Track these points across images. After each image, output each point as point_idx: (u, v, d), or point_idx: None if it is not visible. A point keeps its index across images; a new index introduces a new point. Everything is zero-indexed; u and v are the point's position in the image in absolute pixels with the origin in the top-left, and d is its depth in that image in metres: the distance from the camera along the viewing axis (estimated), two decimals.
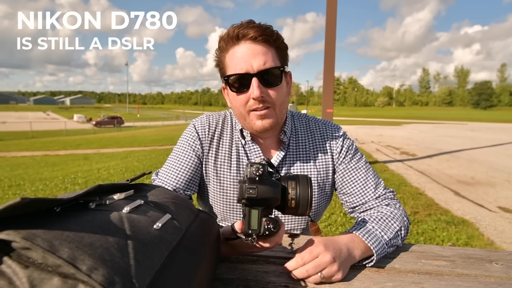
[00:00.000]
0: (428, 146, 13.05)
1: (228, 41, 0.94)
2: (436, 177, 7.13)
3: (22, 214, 0.36)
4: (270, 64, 0.92)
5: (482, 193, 5.86)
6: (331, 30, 7.50)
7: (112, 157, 10.80)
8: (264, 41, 0.92)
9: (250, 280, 0.74)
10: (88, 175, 7.42)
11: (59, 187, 6.28)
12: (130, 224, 0.42)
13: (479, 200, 5.40)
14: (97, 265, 0.32)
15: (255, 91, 0.91)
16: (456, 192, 5.88)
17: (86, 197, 0.47)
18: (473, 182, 6.68)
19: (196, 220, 0.59)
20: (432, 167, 8.34)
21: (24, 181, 6.83)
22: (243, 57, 0.92)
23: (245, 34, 0.91)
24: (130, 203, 0.48)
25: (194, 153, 1.07)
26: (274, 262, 0.81)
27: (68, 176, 7.25)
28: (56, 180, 6.91)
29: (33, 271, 0.32)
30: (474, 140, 15.80)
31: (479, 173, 7.64)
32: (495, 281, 0.75)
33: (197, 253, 0.51)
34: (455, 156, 10.28)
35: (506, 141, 15.34)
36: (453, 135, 19.23)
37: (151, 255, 0.39)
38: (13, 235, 0.32)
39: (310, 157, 1.08)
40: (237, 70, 0.93)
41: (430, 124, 32.78)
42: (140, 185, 0.62)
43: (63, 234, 0.34)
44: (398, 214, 0.96)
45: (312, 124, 1.13)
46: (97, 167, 8.53)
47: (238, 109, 0.99)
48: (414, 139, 16.16)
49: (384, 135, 18.66)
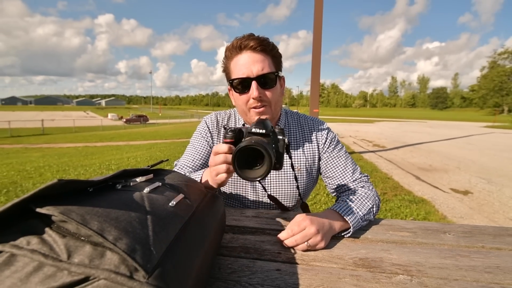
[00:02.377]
0: (395, 140, 13.04)
1: (233, 50, 0.94)
2: (401, 165, 7.13)
3: (61, 193, 0.35)
4: (267, 70, 0.93)
5: (438, 177, 5.87)
6: (317, 45, 7.45)
7: (138, 148, 10.80)
8: (262, 51, 0.93)
9: (250, 247, 0.74)
10: (120, 162, 7.43)
11: (96, 172, 6.29)
12: (149, 202, 0.42)
13: (435, 183, 5.41)
14: (121, 235, 0.32)
15: (254, 92, 0.92)
16: (417, 177, 5.88)
17: (114, 179, 0.46)
18: (430, 169, 6.69)
19: (205, 199, 0.59)
20: (398, 157, 8.34)
21: (68, 167, 6.85)
22: (244, 63, 0.92)
23: (246, 45, 0.92)
24: (150, 185, 0.48)
25: (206, 143, 1.08)
26: (269, 233, 0.81)
27: (104, 163, 7.26)
28: (94, 166, 6.92)
29: (69, 240, 0.32)
30: (432, 135, 15.80)
31: (436, 161, 7.64)
32: (448, 248, 0.75)
33: (205, 226, 0.51)
34: (416, 148, 10.27)
35: (457, 135, 15.36)
36: (415, 130, 19.21)
37: (166, 227, 0.39)
38: (52, 210, 0.32)
39: (300, 147, 1.08)
40: (239, 75, 0.93)
41: (397, 122, 32.73)
42: (159, 170, 0.62)
43: (93, 209, 0.34)
44: (371, 194, 0.95)
45: (302, 120, 1.13)
46: (127, 156, 8.54)
47: (240, 107, 1.00)
48: (384, 134, 16.15)
49: (360, 131, 18.63)
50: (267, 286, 0.58)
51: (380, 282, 0.60)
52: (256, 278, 0.60)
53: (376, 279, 0.61)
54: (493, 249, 0.75)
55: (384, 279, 0.61)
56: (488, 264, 0.67)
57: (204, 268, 0.47)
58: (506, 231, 0.86)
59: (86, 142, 13.74)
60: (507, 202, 4.39)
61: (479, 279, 0.61)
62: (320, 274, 0.62)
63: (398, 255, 0.71)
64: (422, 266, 0.66)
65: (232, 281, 0.59)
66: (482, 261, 0.69)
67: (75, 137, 16.84)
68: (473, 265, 0.67)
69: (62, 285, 0.29)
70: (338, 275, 0.62)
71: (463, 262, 0.68)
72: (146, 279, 0.30)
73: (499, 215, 3.84)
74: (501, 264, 0.67)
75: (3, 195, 4.49)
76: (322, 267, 0.66)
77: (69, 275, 0.29)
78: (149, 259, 0.32)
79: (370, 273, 0.63)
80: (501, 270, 0.65)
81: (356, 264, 0.67)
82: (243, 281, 0.59)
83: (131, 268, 0.30)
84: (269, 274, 0.62)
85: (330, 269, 0.64)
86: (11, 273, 0.29)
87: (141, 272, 0.30)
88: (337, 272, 0.63)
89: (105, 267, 0.30)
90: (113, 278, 0.29)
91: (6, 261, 0.30)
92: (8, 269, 0.29)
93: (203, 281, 0.48)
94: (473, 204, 4.26)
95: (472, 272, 0.64)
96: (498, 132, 18.63)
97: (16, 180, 5.46)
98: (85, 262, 0.30)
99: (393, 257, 0.70)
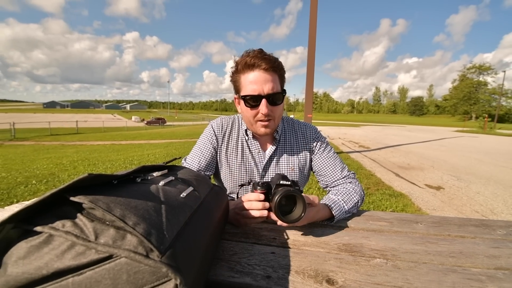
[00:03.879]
0: (378, 142, 12.96)
1: (245, 67, 0.89)
2: (383, 163, 7.10)
3: (90, 185, 0.36)
4: (276, 89, 0.90)
5: (414, 175, 5.84)
6: (311, 59, 7.42)
7: (157, 146, 10.83)
8: (272, 71, 0.89)
9: (249, 233, 0.74)
10: (141, 158, 7.45)
11: (121, 166, 6.32)
12: (163, 193, 0.42)
13: (412, 180, 5.37)
14: (139, 221, 0.33)
15: (264, 109, 0.90)
16: (396, 174, 5.85)
17: (134, 174, 0.47)
18: (408, 167, 6.65)
19: (211, 192, 0.59)
20: (381, 156, 8.30)
21: (98, 161, 6.88)
22: (256, 81, 0.88)
23: (259, 65, 0.87)
24: (164, 178, 0.48)
25: (211, 145, 1.06)
26: (266, 221, 0.81)
27: (127, 159, 7.29)
28: (119, 161, 6.95)
29: (96, 224, 0.32)
30: (410, 137, 15.67)
31: (413, 161, 7.60)
32: (419, 236, 0.75)
33: (211, 215, 0.52)
34: (396, 149, 10.21)
35: (432, 138, 15.24)
36: (396, 134, 19.08)
37: (178, 215, 0.39)
38: (83, 199, 0.32)
39: (294, 149, 1.07)
40: (251, 91, 0.89)
41: (380, 126, 32.52)
42: (173, 166, 0.62)
43: (117, 199, 0.34)
44: (357, 189, 0.95)
45: (296, 126, 1.12)
46: (147, 153, 8.56)
47: (248, 118, 0.96)
48: (368, 136, 16.05)
49: (347, 133, 18.54)
50: (263, 266, 0.58)
51: (360, 265, 0.60)
52: (254, 259, 0.61)
53: (356, 262, 0.61)
54: (457, 237, 0.75)
55: (363, 262, 0.61)
56: (453, 250, 0.67)
57: (209, 250, 0.47)
58: (469, 222, 0.86)
59: (113, 140, 13.79)
60: (473, 196, 4.35)
61: (444, 262, 0.61)
62: (309, 257, 0.63)
63: (376, 241, 0.71)
64: (396, 251, 0.66)
65: (234, 262, 0.60)
66: (447, 247, 0.69)
67: (103, 136, 16.90)
68: (439, 250, 0.67)
69: (90, 262, 0.30)
70: (324, 258, 0.63)
71: (432, 248, 0.68)
72: (160, 258, 0.31)
73: (467, 208, 3.81)
74: (464, 250, 0.67)
75: (43, 184, 4.53)
76: (311, 251, 0.66)
77: (96, 253, 0.30)
78: (162, 242, 0.32)
79: (351, 256, 0.64)
80: (463, 255, 0.65)
81: (340, 249, 0.67)
82: (243, 261, 0.60)
83: (147, 249, 0.31)
84: (265, 256, 0.63)
85: (317, 253, 0.65)
86: (49, 250, 0.30)
87: (155, 252, 0.31)
88: (323, 255, 0.64)
89: (125, 247, 0.30)
90: (132, 256, 0.30)
91: (45, 240, 0.30)
92: (47, 247, 0.30)
93: (209, 261, 0.49)
94: (445, 198, 4.23)
95: (439, 256, 0.64)
96: (467, 136, 18.46)
97: (54, 172, 5.51)
98: (109, 243, 0.30)
99: (372, 243, 0.70)
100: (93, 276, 0.29)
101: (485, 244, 0.71)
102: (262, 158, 1.04)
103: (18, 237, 0.31)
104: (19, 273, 0.29)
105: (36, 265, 0.29)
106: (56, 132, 18.94)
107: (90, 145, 11.99)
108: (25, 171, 5.62)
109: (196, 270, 0.37)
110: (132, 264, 0.30)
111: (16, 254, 0.30)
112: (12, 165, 6.42)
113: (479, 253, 0.66)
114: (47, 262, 0.29)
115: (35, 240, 0.30)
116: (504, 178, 5.66)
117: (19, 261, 0.29)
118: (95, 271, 0.29)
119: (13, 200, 3.65)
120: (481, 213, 3.61)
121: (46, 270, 0.29)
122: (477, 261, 0.62)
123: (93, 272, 0.29)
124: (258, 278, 0.54)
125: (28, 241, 0.30)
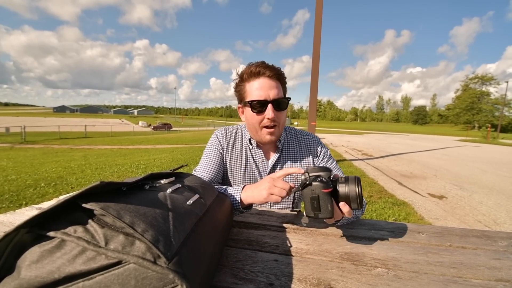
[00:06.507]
0: (381, 150, 12.87)
1: (251, 75, 0.93)
2: (386, 172, 7.03)
3: (101, 192, 0.37)
4: (280, 95, 0.93)
5: (417, 183, 5.77)
6: (315, 68, 7.46)
7: (163, 151, 10.88)
8: (276, 78, 0.93)
9: (252, 240, 0.74)
10: (147, 163, 7.49)
11: (128, 170, 6.34)
12: (171, 201, 0.43)
13: (415, 188, 5.31)
14: (148, 228, 0.33)
15: (270, 113, 0.92)
16: (399, 182, 5.79)
17: (143, 181, 0.48)
18: (411, 176, 6.57)
19: (216, 199, 0.60)
20: (384, 165, 8.23)
21: (105, 166, 6.92)
22: (262, 88, 0.91)
23: (264, 72, 0.91)
24: (172, 186, 0.49)
25: (220, 154, 1.06)
26: (270, 229, 0.82)
27: (134, 163, 7.32)
28: (125, 165, 6.98)
29: (107, 230, 0.33)
30: (413, 146, 15.53)
31: (416, 169, 7.52)
32: (420, 246, 0.75)
33: (216, 221, 0.52)
34: (399, 157, 10.12)
35: (435, 147, 15.07)
36: (399, 142, 18.93)
37: (184, 222, 0.40)
38: (94, 206, 0.33)
39: (297, 158, 1.07)
40: (257, 97, 0.92)
41: (383, 134, 32.30)
42: (179, 173, 0.63)
43: (126, 206, 0.35)
44: None
45: (299, 135, 1.12)
46: (153, 158, 8.60)
47: (253, 125, 0.97)
48: (371, 145, 15.95)
49: (351, 141, 18.45)
50: (266, 274, 0.58)
51: (362, 274, 0.60)
52: (257, 266, 0.61)
53: (358, 271, 0.61)
54: (459, 247, 0.74)
55: (365, 271, 0.61)
56: (454, 260, 0.67)
57: (214, 256, 0.48)
58: (471, 232, 0.85)
59: (120, 145, 13.90)
60: (476, 206, 4.28)
61: (445, 273, 0.61)
62: (311, 265, 0.63)
63: (378, 251, 0.71)
64: (398, 261, 0.66)
65: (237, 269, 0.60)
66: (449, 258, 0.68)
67: (111, 140, 17.06)
68: (441, 261, 0.66)
69: (100, 267, 0.30)
70: (326, 266, 0.62)
71: (433, 258, 0.68)
72: (167, 264, 0.31)
73: (469, 217, 3.75)
74: (465, 261, 0.66)
75: (51, 187, 4.57)
76: (313, 259, 0.66)
77: (106, 259, 0.31)
78: (170, 248, 0.33)
79: (353, 265, 0.63)
80: (464, 266, 0.64)
81: (342, 258, 0.67)
82: (246, 268, 0.60)
83: (155, 255, 0.31)
84: (268, 263, 0.62)
85: (319, 261, 0.65)
86: (61, 254, 0.31)
87: (162, 259, 0.31)
88: (325, 264, 0.64)
89: (134, 254, 0.31)
90: (140, 262, 0.30)
91: (58, 245, 0.31)
92: (59, 251, 0.31)
93: (213, 268, 0.49)
94: (447, 208, 4.16)
95: (440, 267, 0.63)
96: (469, 145, 18.23)
97: (62, 175, 5.55)
98: (119, 249, 0.31)
99: (373, 252, 0.70)
100: (102, 281, 0.30)
101: (486, 255, 0.70)
102: (265, 167, 1.05)
103: (31, 241, 0.32)
104: (32, 277, 0.30)
105: (48, 269, 0.30)
106: (65, 136, 19.19)
107: (98, 149, 12.09)
108: (34, 174, 5.67)
109: (201, 277, 0.38)
110: (140, 270, 0.31)
111: (29, 258, 0.31)
112: (22, 167, 6.50)
113: (481, 264, 0.65)
114: (59, 267, 0.30)
115: (48, 245, 0.31)
116: (507, 188, 5.57)
117: (32, 265, 0.30)
118: (104, 276, 0.30)
119: (22, 203, 3.69)
120: (484, 223, 3.54)
121: (58, 274, 0.30)
122: (478, 272, 0.62)
123: (103, 277, 0.30)
124: (261, 285, 0.54)
125: (41, 246, 0.31)
